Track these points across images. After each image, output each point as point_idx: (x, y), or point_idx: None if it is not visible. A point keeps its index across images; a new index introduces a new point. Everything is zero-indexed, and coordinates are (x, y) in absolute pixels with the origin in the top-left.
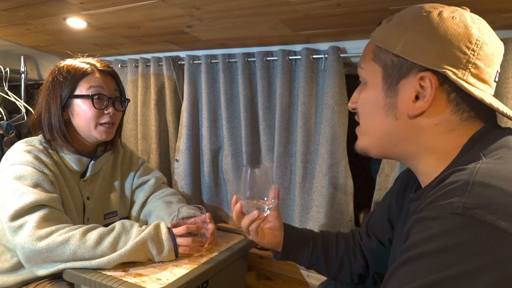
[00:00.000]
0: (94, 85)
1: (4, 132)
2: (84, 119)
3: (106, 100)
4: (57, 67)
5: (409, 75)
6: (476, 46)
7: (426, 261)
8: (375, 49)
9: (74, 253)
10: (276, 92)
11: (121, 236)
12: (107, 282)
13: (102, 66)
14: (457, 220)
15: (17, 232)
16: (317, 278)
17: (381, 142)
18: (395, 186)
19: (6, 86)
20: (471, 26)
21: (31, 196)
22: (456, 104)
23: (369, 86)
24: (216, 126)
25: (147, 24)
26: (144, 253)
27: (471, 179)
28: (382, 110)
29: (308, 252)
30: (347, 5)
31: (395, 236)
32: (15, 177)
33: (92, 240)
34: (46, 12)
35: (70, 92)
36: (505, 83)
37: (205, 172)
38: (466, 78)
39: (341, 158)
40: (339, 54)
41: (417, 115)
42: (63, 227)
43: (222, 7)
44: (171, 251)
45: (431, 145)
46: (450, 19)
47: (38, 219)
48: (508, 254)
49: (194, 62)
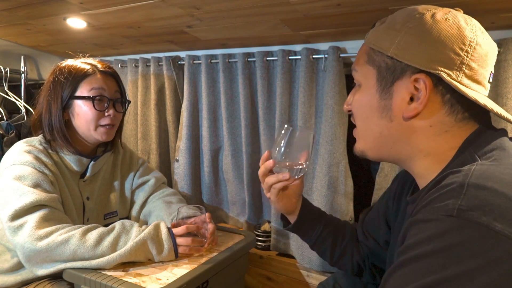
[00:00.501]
0: (95, 87)
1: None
2: (85, 120)
3: (107, 102)
4: (58, 67)
5: (403, 77)
6: (469, 47)
7: (422, 263)
8: (369, 51)
9: (74, 253)
10: (276, 92)
11: (121, 236)
12: (107, 282)
13: (104, 67)
14: (453, 222)
15: (17, 232)
16: (317, 278)
17: (377, 145)
18: (392, 187)
19: (6, 86)
20: (464, 28)
21: (31, 196)
22: (450, 106)
23: (364, 88)
24: (216, 126)
25: (147, 24)
26: (144, 253)
27: (466, 181)
28: (377, 112)
29: (319, 230)
30: (347, 5)
31: (392, 238)
32: (15, 177)
33: (92, 240)
34: (46, 12)
35: (71, 93)
36: (505, 83)
37: (205, 172)
38: (460, 80)
39: (341, 158)
40: (339, 54)
41: (412, 117)
42: (63, 227)
43: (222, 7)
44: (171, 251)
45: (425, 147)
46: (444, 21)
47: (38, 219)
48: (504, 255)
49: (194, 62)
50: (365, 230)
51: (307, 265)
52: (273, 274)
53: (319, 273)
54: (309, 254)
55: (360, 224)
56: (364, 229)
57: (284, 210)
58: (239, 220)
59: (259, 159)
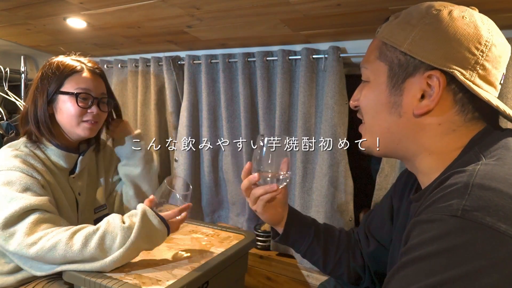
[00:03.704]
0: (81, 84)
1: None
2: (67, 116)
3: (91, 100)
4: (48, 63)
5: (416, 74)
6: (485, 47)
7: (426, 264)
8: (381, 46)
9: (64, 257)
10: (276, 92)
11: (106, 235)
12: (107, 284)
13: (92, 66)
14: (457, 223)
15: (8, 241)
16: (317, 278)
17: (384, 140)
18: (396, 184)
19: (6, 86)
20: (481, 27)
21: (20, 202)
22: (461, 105)
23: (373, 84)
24: (216, 126)
25: (147, 24)
26: (137, 252)
27: (471, 181)
28: (386, 108)
29: (309, 240)
30: (347, 5)
31: (394, 237)
32: (3, 183)
33: (79, 243)
34: (46, 12)
35: (56, 88)
36: (505, 83)
37: (205, 172)
38: (473, 79)
39: (341, 158)
40: (339, 54)
41: (422, 114)
42: (51, 231)
43: (222, 7)
44: (165, 236)
45: (431, 145)
46: (460, 19)
47: (28, 225)
48: (508, 256)
49: (194, 62)
50: (368, 232)
51: (307, 265)
52: (273, 274)
53: (319, 273)
54: None
55: (363, 228)
56: (367, 231)
57: (271, 221)
58: (239, 220)
59: None
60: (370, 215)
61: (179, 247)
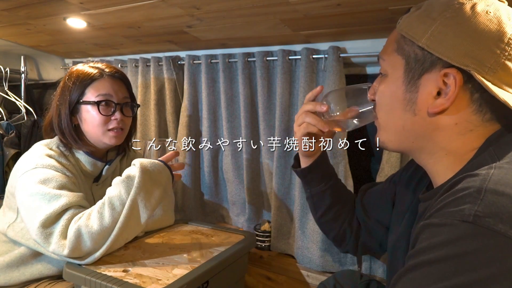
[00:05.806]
0: (102, 91)
1: (4, 132)
2: (92, 125)
3: (114, 106)
4: (68, 72)
5: (433, 70)
6: (508, 45)
7: (434, 269)
8: (400, 39)
9: (95, 240)
10: (276, 92)
11: (112, 198)
12: (107, 283)
13: (111, 71)
14: (468, 228)
15: (48, 240)
16: (317, 278)
17: (398, 137)
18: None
19: (6, 86)
20: (505, 23)
21: (60, 200)
22: (479, 105)
23: (390, 79)
24: (216, 126)
25: (147, 24)
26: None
27: (484, 186)
28: (401, 105)
29: (324, 187)
30: (347, 5)
31: (392, 226)
32: (40, 181)
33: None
34: (46, 12)
35: (78, 98)
36: None
37: (205, 172)
38: (492, 79)
39: (341, 158)
40: (339, 54)
41: (437, 113)
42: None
43: (222, 7)
44: (166, 171)
45: (447, 145)
46: (484, 14)
47: (64, 223)
48: None
49: (194, 62)
50: (365, 208)
51: (307, 265)
52: (273, 274)
53: (319, 273)
54: (309, 254)
55: (359, 201)
56: (364, 208)
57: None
58: (239, 220)
59: (259, 159)
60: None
61: (179, 247)
